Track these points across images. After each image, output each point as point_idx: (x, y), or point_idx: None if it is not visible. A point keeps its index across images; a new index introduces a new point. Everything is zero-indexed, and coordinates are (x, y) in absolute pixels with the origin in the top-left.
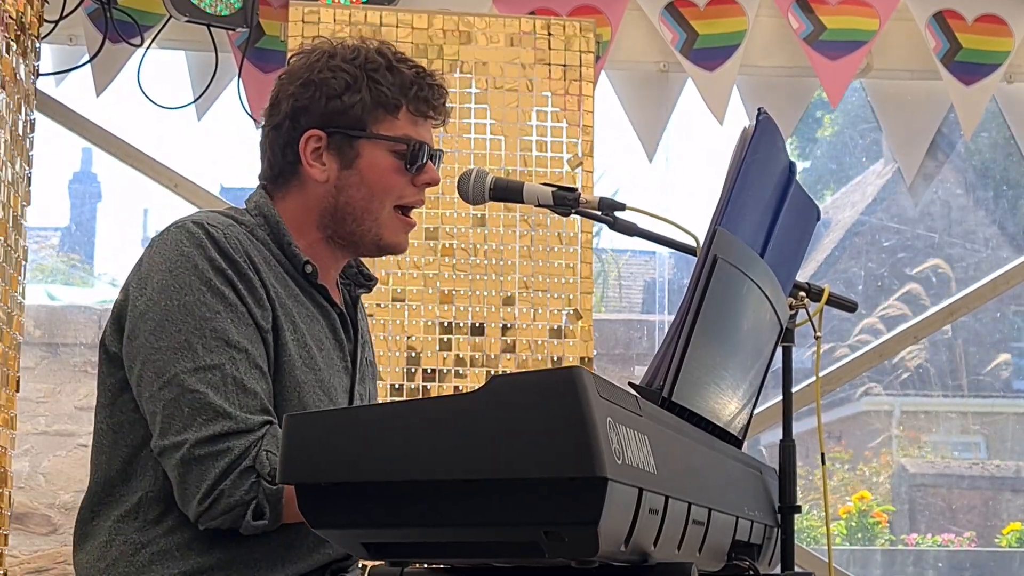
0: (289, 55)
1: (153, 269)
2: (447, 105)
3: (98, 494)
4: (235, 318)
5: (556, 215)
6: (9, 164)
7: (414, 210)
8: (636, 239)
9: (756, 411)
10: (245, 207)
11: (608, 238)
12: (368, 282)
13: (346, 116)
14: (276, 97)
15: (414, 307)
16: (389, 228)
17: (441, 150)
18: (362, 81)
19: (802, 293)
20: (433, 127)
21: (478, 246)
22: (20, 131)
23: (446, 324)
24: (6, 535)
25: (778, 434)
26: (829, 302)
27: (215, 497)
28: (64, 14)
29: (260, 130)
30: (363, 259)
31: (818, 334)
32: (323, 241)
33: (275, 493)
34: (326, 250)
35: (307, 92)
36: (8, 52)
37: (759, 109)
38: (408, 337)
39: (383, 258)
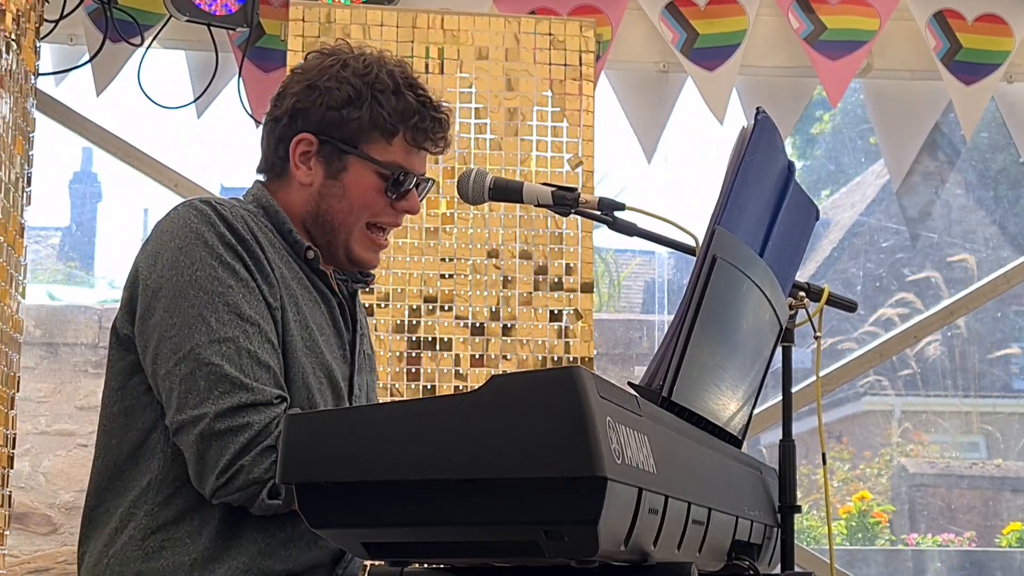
0: (306, 52)
1: (162, 247)
2: (446, 138)
3: (106, 479)
4: (246, 292)
5: (556, 215)
6: (9, 164)
7: (391, 229)
8: (636, 239)
9: (756, 411)
10: (243, 199)
11: (608, 238)
12: (365, 278)
13: (341, 129)
14: (283, 91)
15: (414, 307)
16: (359, 244)
17: (431, 179)
18: (365, 99)
19: (802, 293)
20: (431, 154)
21: (478, 246)
22: (20, 131)
23: (446, 324)
24: (6, 535)
25: (778, 434)
26: (829, 302)
27: (233, 472)
28: (64, 14)
29: (264, 119)
30: None
31: (818, 334)
32: (308, 238)
33: None
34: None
35: (309, 96)
36: (8, 51)
37: (758, 109)
38: (408, 337)
39: (384, 257)
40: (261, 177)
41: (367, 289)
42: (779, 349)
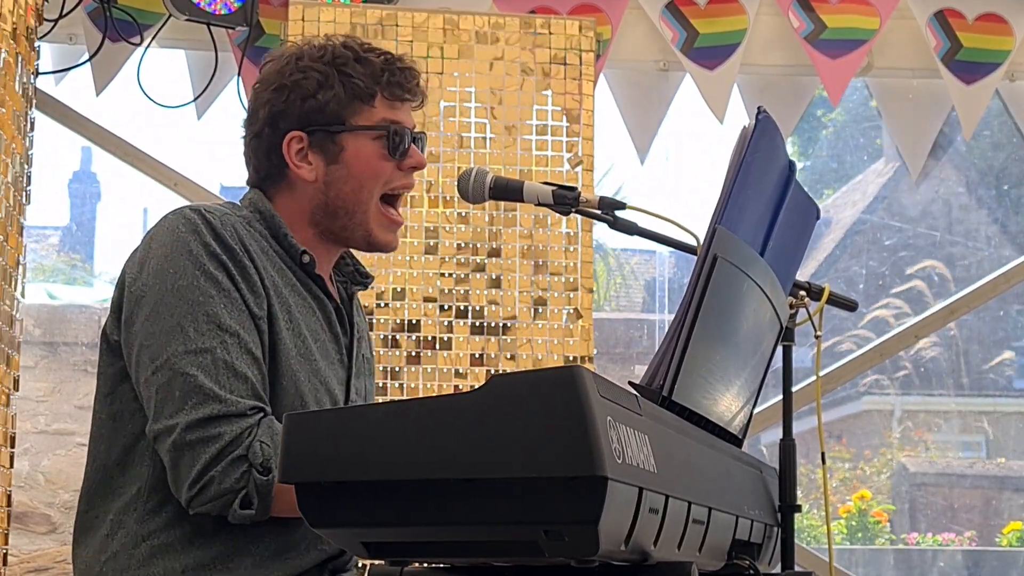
0: (262, 62)
1: (149, 254)
2: (420, 86)
3: (95, 484)
4: (228, 303)
5: (557, 214)
6: (9, 164)
7: (404, 207)
8: (636, 238)
9: (756, 410)
10: (240, 204)
11: (608, 237)
12: (364, 279)
13: (323, 113)
14: (253, 106)
15: (414, 307)
16: (378, 225)
17: (424, 132)
18: (333, 77)
19: (802, 292)
20: (412, 109)
21: (478, 246)
22: (20, 130)
23: (446, 324)
24: (6, 534)
25: (778, 433)
26: (829, 301)
27: (205, 483)
28: (63, 13)
29: (242, 140)
30: (359, 257)
31: (818, 333)
32: (315, 237)
33: (265, 484)
34: (319, 245)
35: (282, 96)
36: (7, 51)
37: (758, 108)
38: (408, 336)
39: (384, 257)
40: (255, 187)
41: (366, 290)
42: (779, 348)
